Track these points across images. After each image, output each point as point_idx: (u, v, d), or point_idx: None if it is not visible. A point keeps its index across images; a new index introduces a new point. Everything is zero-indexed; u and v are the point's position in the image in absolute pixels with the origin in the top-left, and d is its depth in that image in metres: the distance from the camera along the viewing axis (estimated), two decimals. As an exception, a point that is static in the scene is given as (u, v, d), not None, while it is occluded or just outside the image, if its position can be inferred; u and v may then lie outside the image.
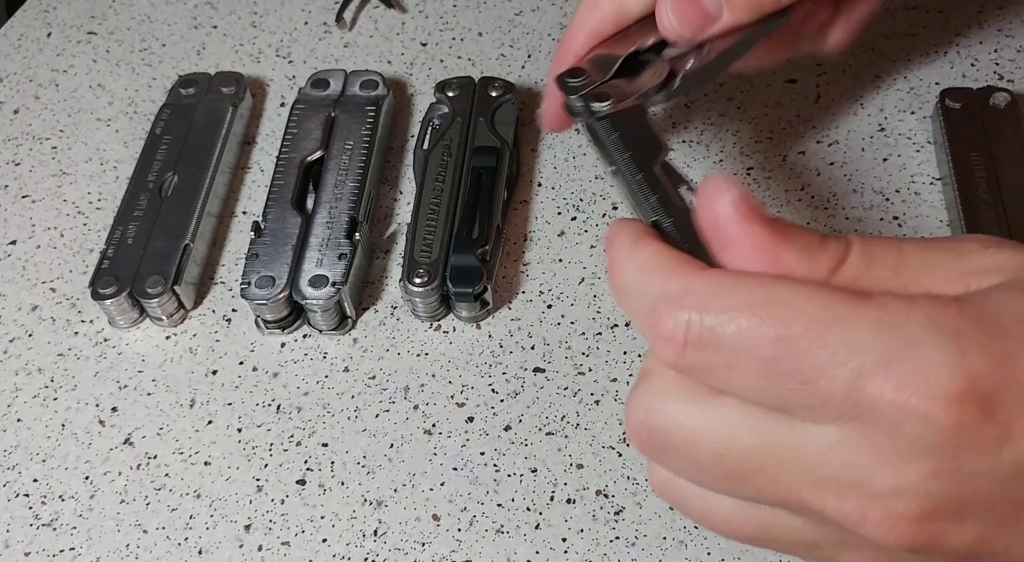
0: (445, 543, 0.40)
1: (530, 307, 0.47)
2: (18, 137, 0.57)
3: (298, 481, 0.42)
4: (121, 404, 0.45)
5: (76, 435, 0.45)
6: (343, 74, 0.55)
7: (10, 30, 0.63)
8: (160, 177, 0.51)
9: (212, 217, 0.51)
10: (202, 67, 0.59)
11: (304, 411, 0.45)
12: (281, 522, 0.41)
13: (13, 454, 0.44)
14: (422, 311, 0.47)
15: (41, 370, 0.47)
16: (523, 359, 0.45)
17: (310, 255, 0.47)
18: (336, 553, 0.40)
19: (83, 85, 0.59)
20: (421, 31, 0.60)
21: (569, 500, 0.41)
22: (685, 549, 0.39)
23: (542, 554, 0.40)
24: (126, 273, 0.47)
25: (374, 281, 0.49)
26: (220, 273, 0.50)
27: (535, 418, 0.43)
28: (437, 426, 0.44)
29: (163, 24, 0.62)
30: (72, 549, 0.41)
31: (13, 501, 0.43)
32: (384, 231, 0.51)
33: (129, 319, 0.48)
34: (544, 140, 0.54)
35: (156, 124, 0.54)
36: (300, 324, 0.47)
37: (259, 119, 0.57)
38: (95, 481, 0.43)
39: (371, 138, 0.52)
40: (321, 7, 0.62)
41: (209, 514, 0.42)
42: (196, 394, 0.45)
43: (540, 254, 0.49)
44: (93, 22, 0.63)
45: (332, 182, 0.50)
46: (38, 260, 0.51)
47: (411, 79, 0.58)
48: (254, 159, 0.55)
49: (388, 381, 0.45)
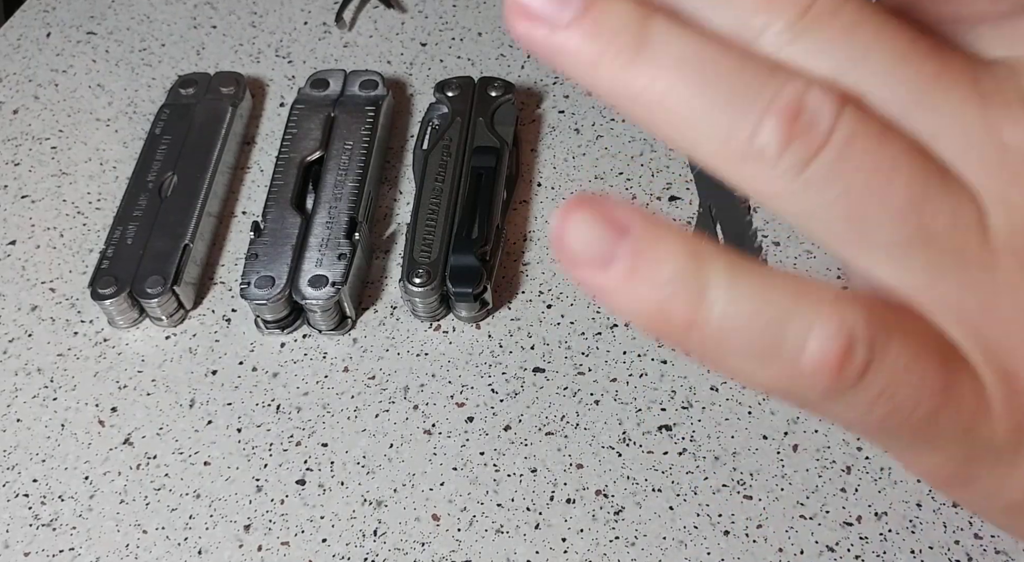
0: (445, 543, 0.40)
1: (530, 307, 0.47)
2: (17, 137, 0.57)
3: (298, 481, 0.42)
4: (121, 404, 0.45)
5: (76, 435, 0.45)
6: (343, 74, 0.55)
7: (9, 30, 0.63)
8: (160, 177, 0.51)
9: (212, 217, 0.51)
10: (202, 67, 0.59)
11: (304, 411, 0.45)
12: (281, 522, 0.41)
13: (13, 454, 0.44)
14: (422, 311, 0.47)
15: (41, 370, 0.47)
16: (523, 359, 0.45)
17: (310, 255, 0.47)
18: (336, 553, 0.40)
19: (82, 85, 0.59)
20: (421, 31, 0.60)
21: (569, 500, 0.41)
22: (685, 549, 0.39)
23: (542, 554, 0.40)
24: (126, 273, 0.47)
25: (374, 281, 0.49)
26: (220, 273, 0.50)
27: (535, 418, 0.43)
28: (437, 426, 0.44)
29: (163, 24, 0.62)
30: (72, 549, 0.41)
31: (13, 501, 0.43)
32: (384, 231, 0.51)
33: (129, 319, 0.48)
34: (544, 140, 0.54)
35: (156, 124, 0.54)
36: (300, 324, 0.47)
37: (259, 119, 0.57)
38: (95, 481, 0.43)
39: (371, 138, 0.52)
40: (321, 7, 0.62)
41: (209, 514, 0.42)
42: (196, 394, 0.45)
43: (540, 254, 0.49)
44: (92, 22, 0.63)
45: (332, 182, 0.50)
46: (38, 260, 0.51)
47: (411, 79, 0.58)
48: (254, 159, 0.55)
49: (388, 381, 0.45)
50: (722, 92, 0.20)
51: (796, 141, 0.20)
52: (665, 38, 0.20)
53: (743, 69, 0.20)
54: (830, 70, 0.21)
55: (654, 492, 0.41)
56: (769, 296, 0.21)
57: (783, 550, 0.39)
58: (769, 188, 0.20)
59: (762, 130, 0.20)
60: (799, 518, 0.40)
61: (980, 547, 0.38)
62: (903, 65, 0.21)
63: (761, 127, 0.20)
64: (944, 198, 0.21)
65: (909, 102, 0.21)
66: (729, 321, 0.21)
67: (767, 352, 0.21)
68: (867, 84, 0.21)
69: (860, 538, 0.39)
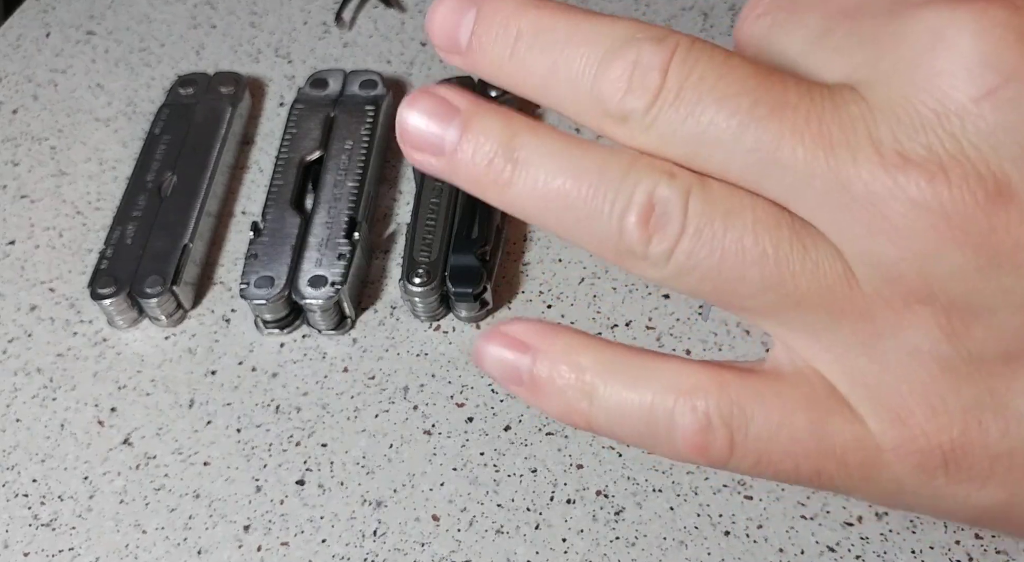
0: (445, 543, 0.40)
1: (530, 307, 0.47)
2: (17, 137, 0.57)
3: (297, 481, 0.42)
4: (120, 404, 0.45)
5: (75, 435, 0.44)
6: (342, 74, 0.55)
7: (9, 30, 0.63)
8: (159, 177, 0.51)
9: (211, 217, 0.51)
10: (201, 67, 0.59)
11: (303, 411, 0.44)
12: (280, 522, 0.41)
13: (12, 454, 0.44)
14: (422, 311, 0.46)
15: (40, 370, 0.47)
16: (523, 359, 0.45)
17: (309, 255, 0.47)
18: (335, 553, 0.40)
19: (82, 85, 0.59)
20: (421, 31, 0.60)
21: (569, 500, 0.41)
22: (685, 549, 0.39)
23: (542, 554, 0.40)
24: (125, 273, 0.47)
25: (373, 281, 0.49)
26: (219, 273, 0.50)
27: (535, 418, 0.43)
28: (437, 426, 0.44)
29: (162, 24, 0.62)
30: (71, 549, 0.41)
31: (12, 501, 0.43)
32: (383, 231, 0.51)
33: (128, 319, 0.48)
34: (544, 140, 0.54)
35: (155, 124, 0.54)
36: (299, 324, 0.47)
37: (258, 119, 0.57)
38: (94, 481, 0.43)
39: (370, 138, 0.52)
40: (320, 7, 0.62)
41: (208, 514, 0.42)
42: (195, 394, 0.45)
43: (540, 254, 0.49)
44: (92, 22, 0.63)
45: (331, 182, 0.50)
46: (37, 260, 0.51)
47: (411, 79, 0.58)
48: (253, 159, 0.55)
49: (387, 381, 0.45)
50: (587, 203, 0.23)
51: (655, 237, 0.22)
52: (533, 157, 0.23)
53: (602, 176, 0.22)
54: (682, 154, 0.22)
55: (654, 492, 0.41)
56: (635, 390, 0.24)
57: (784, 550, 0.39)
58: (649, 276, 0.23)
59: (625, 231, 0.22)
60: (800, 518, 0.40)
61: (981, 547, 0.38)
62: (745, 136, 0.22)
63: (624, 229, 0.22)
64: (803, 260, 0.22)
65: (758, 170, 0.22)
66: (615, 419, 0.24)
67: (651, 440, 0.24)
68: (715, 161, 0.22)
69: (861, 538, 0.39)
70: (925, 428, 0.22)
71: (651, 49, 0.22)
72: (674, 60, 0.22)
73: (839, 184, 0.21)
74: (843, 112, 0.21)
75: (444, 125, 0.23)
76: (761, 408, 0.23)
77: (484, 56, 0.23)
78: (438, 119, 0.23)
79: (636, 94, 0.22)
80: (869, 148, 0.21)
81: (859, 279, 0.22)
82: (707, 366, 0.24)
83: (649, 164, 0.22)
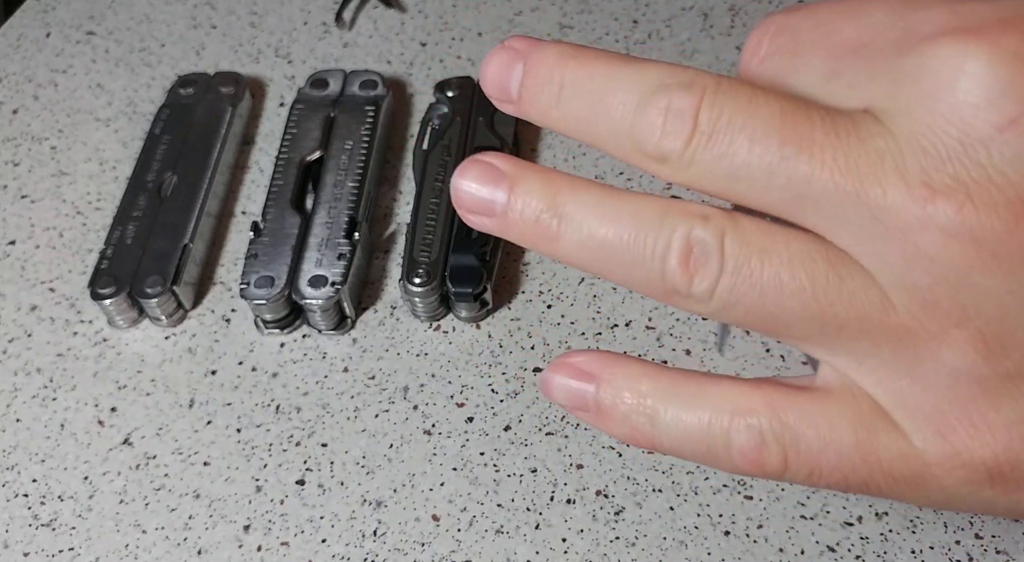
0: (445, 543, 0.40)
1: (530, 307, 0.47)
2: (17, 137, 0.57)
3: (297, 481, 0.42)
4: (120, 404, 0.45)
5: (75, 435, 0.44)
6: (342, 74, 0.55)
7: (9, 30, 0.63)
8: (159, 177, 0.51)
9: (211, 217, 0.51)
10: (201, 67, 0.59)
11: (303, 411, 0.44)
12: (280, 522, 0.41)
13: (12, 454, 0.44)
14: (422, 311, 0.46)
15: (40, 370, 0.47)
16: (523, 359, 0.45)
17: (309, 255, 0.47)
18: (335, 553, 0.40)
19: (82, 85, 0.59)
20: (421, 31, 0.60)
21: (569, 500, 0.41)
22: (685, 549, 0.39)
23: (542, 554, 0.40)
24: (125, 273, 0.47)
25: (373, 281, 0.49)
26: (219, 273, 0.50)
27: (535, 418, 0.43)
28: (437, 426, 0.44)
29: (162, 24, 0.62)
30: (71, 549, 0.41)
31: (12, 501, 0.43)
32: (384, 231, 0.51)
33: (128, 319, 0.48)
34: (544, 140, 0.54)
35: (155, 124, 0.54)
36: (299, 324, 0.47)
37: (258, 119, 0.57)
38: (94, 481, 0.43)
39: (370, 138, 0.52)
40: (320, 7, 0.62)
41: (208, 514, 0.42)
42: (195, 394, 0.45)
43: (540, 254, 0.49)
44: (92, 22, 0.63)
45: (331, 182, 0.50)
46: (37, 260, 0.51)
47: (411, 79, 0.58)
48: (253, 159, 0.55)
49: (388, 381, 0.45)
50: (630, 249, 0.24)
51: (696, 276, 0.24)
52: (576, 211, 0.25)
53: (639, 223, 0.24)
54: (722, 188, 0.24)
55: (654, 492, 0.41)
56: (693, 412, 0.26)
57: (784, 550, 0.39)
58: (697, 311, 0.25)
59: (668, 273, 0.24)
60: (800, 518, 0.40)
61: (981, 547, 0.38)
62: (777, 175, 0.23)
63: (666, 271, 0.24)
64: (840, 290, 0.23)
65: (793, 205, 0.23)
66: (677, 440, 0.26)
67: (711, 457, 0.26)
68: (752, 196, 0.23)
69: (861, 538, 0.39)
70: (968, 444, 0.23)
71: (681, 94, 0.23)
72: (703, 104, 0.23)
73: (871, 217, 0.22)
74: (869, 146, 0.22)
75: (493, 189, 0.26)
76: (809, 427, 0.25)
77: (533, 106, 0.26)
78: (487, 184, 0.26)
79: (671, 138, 0.23)
80: (897, 181, 0.22)
81: (896, 306, 0.23)
82: (758, 385, 0.26)
83: (682, 209, 0.24)
